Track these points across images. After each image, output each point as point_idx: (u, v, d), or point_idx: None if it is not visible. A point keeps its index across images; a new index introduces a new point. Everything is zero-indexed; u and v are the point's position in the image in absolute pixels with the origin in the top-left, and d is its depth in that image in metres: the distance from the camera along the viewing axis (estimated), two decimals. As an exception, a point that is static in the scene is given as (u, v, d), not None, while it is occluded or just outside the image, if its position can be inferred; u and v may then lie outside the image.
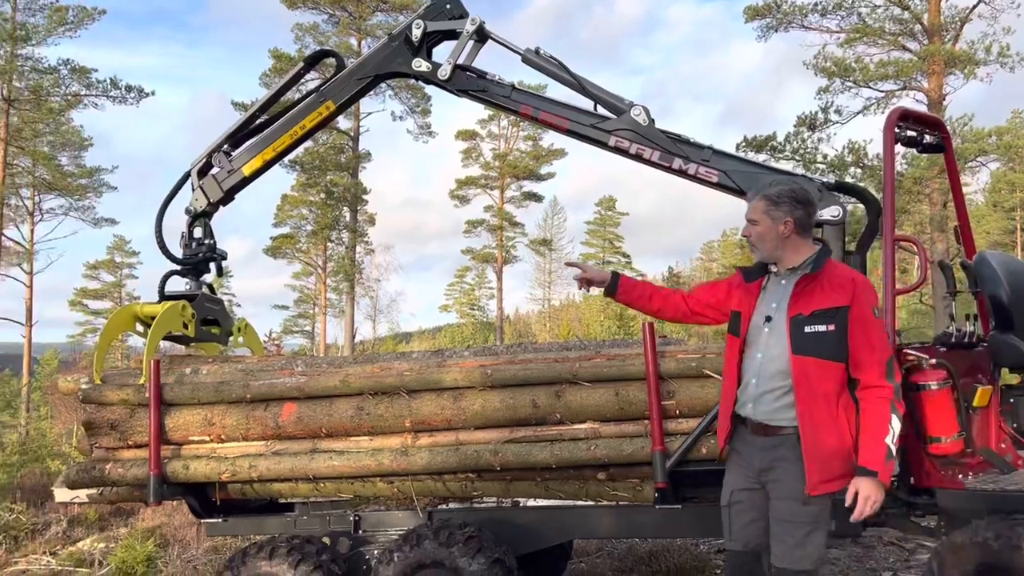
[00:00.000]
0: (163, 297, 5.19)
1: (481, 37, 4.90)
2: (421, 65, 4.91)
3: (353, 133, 30.49)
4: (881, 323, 3.11)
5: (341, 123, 28.86)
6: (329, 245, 34.58)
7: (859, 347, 3.03)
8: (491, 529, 4.40)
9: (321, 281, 37.17)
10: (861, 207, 4.50)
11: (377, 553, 4.56)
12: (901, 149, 4.54)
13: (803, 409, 3.05)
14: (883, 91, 20.95)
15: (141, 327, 5.14)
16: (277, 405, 4.60)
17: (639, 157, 4.57)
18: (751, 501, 3.21)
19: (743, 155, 6.49)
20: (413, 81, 6.41)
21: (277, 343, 19.27)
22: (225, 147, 5.27)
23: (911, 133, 4.42)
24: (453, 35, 4.93)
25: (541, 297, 57.03)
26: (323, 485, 4.66)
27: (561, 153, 41.06)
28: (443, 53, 4.96)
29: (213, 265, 5.35)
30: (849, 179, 19.10)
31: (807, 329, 3.06)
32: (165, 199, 5.28)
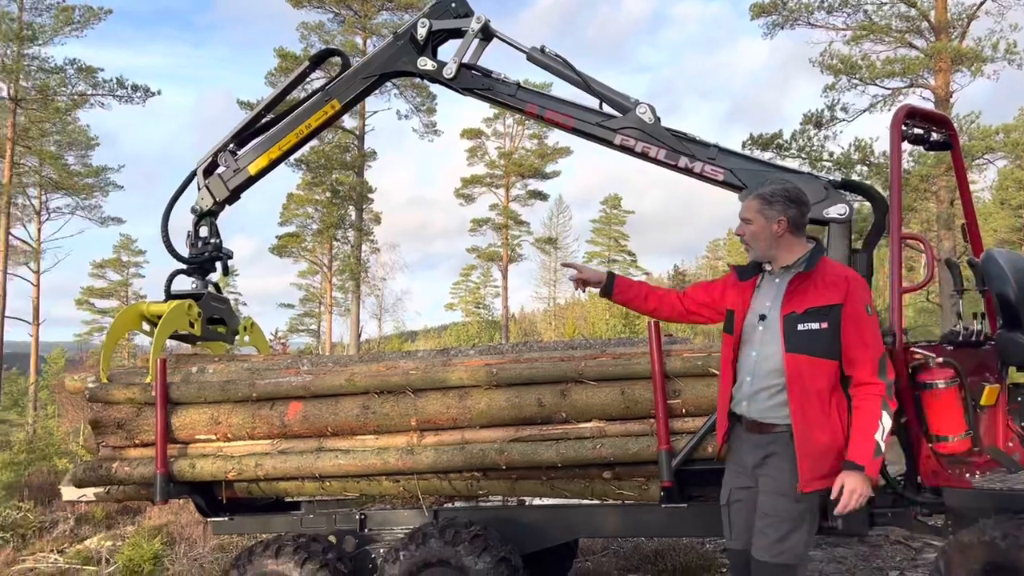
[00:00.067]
0: (169, 296, 5.21)
1: (486, 35, 4.89)
2: (426, 64, 4.91)
3: (358, 132, 30.52)
4: (874, 320, 3.11)
5: (346, 122, 28.92)
6: (335, 244, 34.65)
7: (852, 344, 3.05)
8: (497, 528, 4.40)
9: (327, 280, 37.26)
10: (868, 205, 4.48)
11: (383, 552, 4.58)
12: (908, 147, 4.53)
13: (796, 407, 3.06)
14: (890, 88, 20.92)
15: (147, 326, 5.15)
16: (283, 404, 4.61)
17: (645, 155, 4.57)
18: (749, 500, 3.21)
19: (749, 153, 6.48)
20: (418, 80, 6.41)
21: (283, 342, 19.27)
22: (231, 146, 5.27)
23: (918, 131, 4.40)
24: (458, 34, 4.93)
25: (546, 296, 57.14)
26: (329, 484, 4.67)
27: (566, 151, 41.07)
28: (448, 52, 4.96)
29: (219, 264, 5.36)
30: (855, 177, 19.07)
31: (800, 327, 3.07)
32: (171, 198, 5.30)
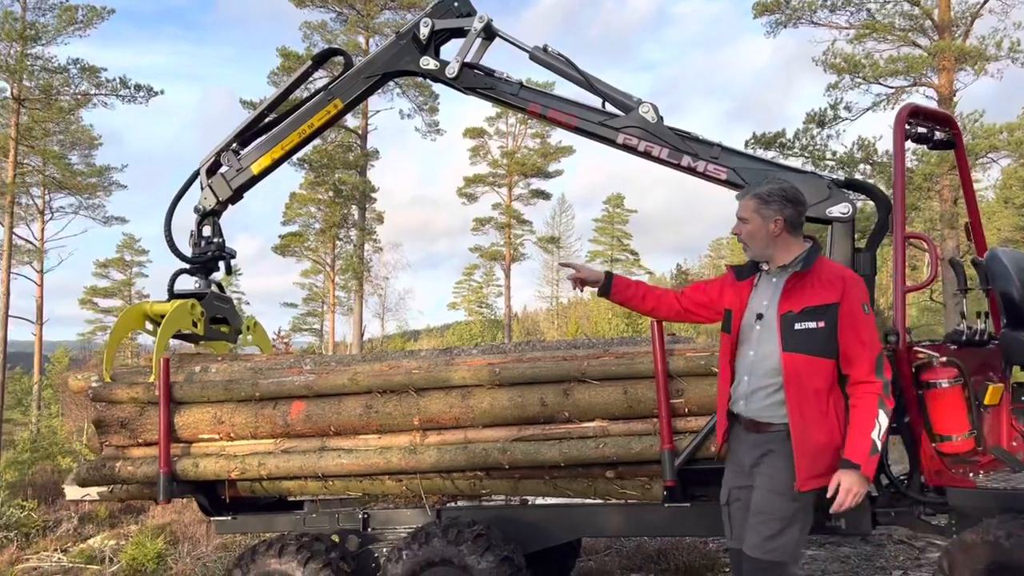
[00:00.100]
0: (172, 295, 5.21)
1: (489, 35, 4.89)
2: (429, 63, 4.91)
3: (361, 131, 30.49)
4: (871, 319, 3.11)
5: (349, 121, 28.84)
6: (337, 243, 34.63)
7: (849, 343, 3.04)
8: (500, 527, 4.40)
9: (330, 279, 37.25)
10: (871, 204, 4.47)
11: (386, 551, 4.58)
12: (911, 146, 4.51)
13: (793, 406, 3.06)
14: (893, 87, 20.83)
15: (151, 325, 5.16)
16: (286, 403, 4.61)
17: (648, 155, 4.56)
18: (748, 499, 3.21)
19: (752, 152, 6.47)
20: (421, 79, 6.40)
21: (286, 341, 19.28)
22: (234, 146, 5.28)
23: (921, 129, 4.39)
24: (461, 33, 4.93)
25: (549, 295, 57.12)
26: (332, 483, 4.67)
27: (569, 150, 40.98)
28: (451, 51, 4.96)
29: (222, 263, 5.37)
30: (859, 176, 19.03)
31: (797, 326, 3.07)
32: (174, 198, 5.31)
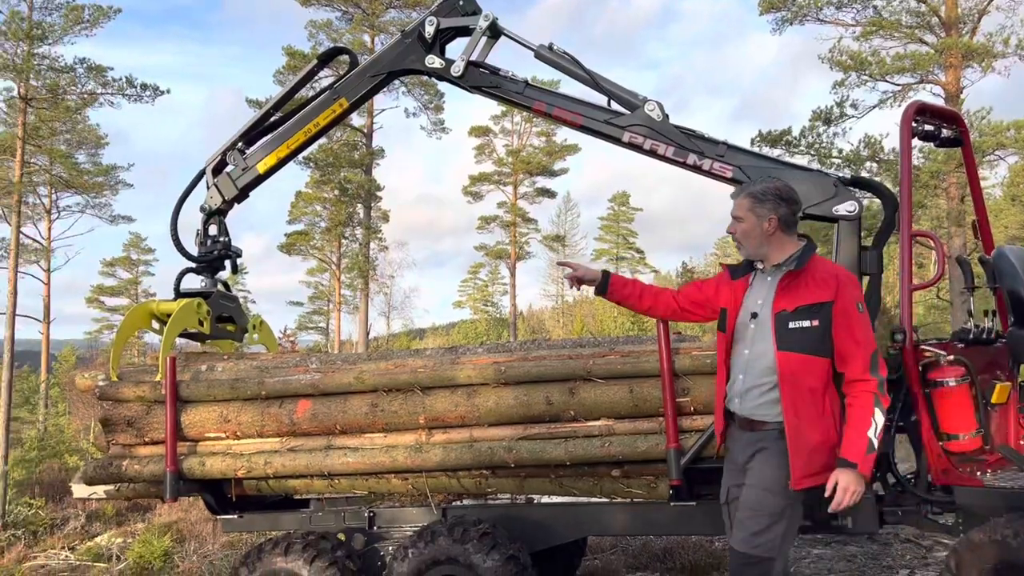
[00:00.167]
0: (179, 294, 5.23)
1: (494, 33, 4.89)
2: (434, 62, 4.91)
3: (367, 130, 30.49)
4: (865, 317, 3.12)
5: (355, 120, 28.85)
6: (343, 242, 34.65)
7: (843, 341, 3.05)
8: (505, 525, 4.41)
9: (335, 278, 37.29)
10: (877, 202, 4.46)
11: (392, 549, 4.58)
12: (918, 143, 4.50)
13: (788, 404, 3.06)
14: (899, 85, 20.73)
15: (157, 324, 5.18)
16: (292, 402, 4.62)
17: (653, 153, 4.56)
18: None
19: (758, 150, 6.46)
20: (426, 78, 6.40)
21: (292, 340, 19.29)
22: (239, 145, 5.29)
23: (928, 127, 4.38)
24: (466, 31, 4.92)
25: (555, 293, 56.98)
26: (338, 481, 4.68)
27: (574, 149, 40.94)
28: (456, 50, 4.95)
29: (228, 262, 5.38)
30: (865, 174, 18.96)
31: (791, 325, 3.08)
32: (180, 197, 5.32)
